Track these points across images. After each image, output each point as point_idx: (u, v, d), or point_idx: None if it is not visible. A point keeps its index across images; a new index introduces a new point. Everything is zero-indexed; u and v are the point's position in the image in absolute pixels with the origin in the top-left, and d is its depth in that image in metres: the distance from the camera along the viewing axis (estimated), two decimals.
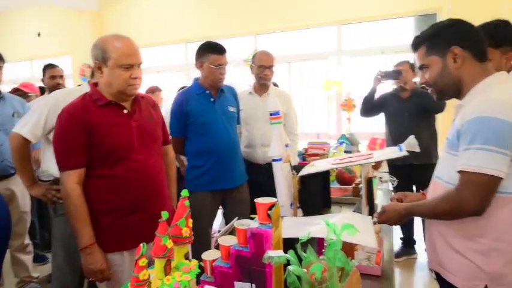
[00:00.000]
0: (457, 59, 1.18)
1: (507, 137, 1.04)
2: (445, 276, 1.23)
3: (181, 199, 0.99)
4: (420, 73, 1.30)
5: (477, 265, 1.13)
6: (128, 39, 1.49)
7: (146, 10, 5.74)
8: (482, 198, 1.07)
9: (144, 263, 0.79)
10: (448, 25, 1.23)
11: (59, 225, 1.84)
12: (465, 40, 1.18)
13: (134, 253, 1.52)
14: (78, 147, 1.41)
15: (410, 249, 3.18)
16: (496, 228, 1.11)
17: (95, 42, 1.48)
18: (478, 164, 1.05)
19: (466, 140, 1.09)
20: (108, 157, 1.46)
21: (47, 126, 1.78)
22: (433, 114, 3.01)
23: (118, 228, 1.49)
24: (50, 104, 1.78)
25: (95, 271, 1.42)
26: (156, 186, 1.58)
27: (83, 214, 1.42)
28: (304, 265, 0.84)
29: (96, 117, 1.44)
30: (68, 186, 1.41)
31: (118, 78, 1.44)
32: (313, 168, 1.69)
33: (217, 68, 2.14)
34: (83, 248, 1.42)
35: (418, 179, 2.95)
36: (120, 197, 1.48)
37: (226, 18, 5.20)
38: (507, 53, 1.50)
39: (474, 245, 1.14)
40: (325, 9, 4.66)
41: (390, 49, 4.57)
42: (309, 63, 5.08)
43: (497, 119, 1.04)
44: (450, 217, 1.17)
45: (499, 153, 1.04)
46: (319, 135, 4.99)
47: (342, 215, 1.34)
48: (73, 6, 5.83)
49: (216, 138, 2.18)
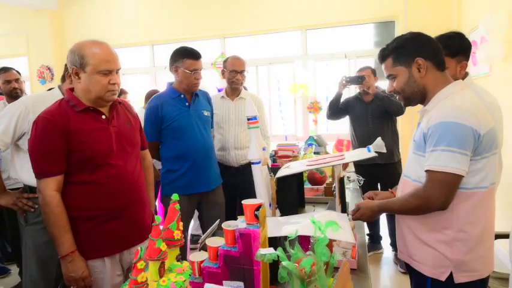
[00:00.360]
0: (421, 68, 1.30)
1: (466, 140, 1.17)
2: (415, 266, 1.35)
3: (172, 203, 1.02)
4: (389, 82, 1.41)
5: (443, 254, 1.26)
6: (106, 45, 1.48)
7: (110, 11, 5.58)
8: (447, 195, 1.20)
9: (142, 266, 0.81)
10: (410, 38, 1.35)
11: (30, 235, 1.78)
12: (427, 51, 1.31)
13: (115, 259, 1.53)
14: (57, 154, 1.39)
15: (377, 244, 3.36)
16: (459, 220, 1.23)
17: (72, 47, 1.46)
18: (443, 163, 1.18)
19: (432, 143, 1.21)
20: (88, 163, 1.44)
21: (16, 133, 1.73)
22: (394, 117, 3.20)
23: (98, 234, 1.48)
24: (19, 110, 1.74)
25: (76, 279, 1.40)
26: (136, 191, 1.58)
27: (63, 222, 1.40)
28: (293, 261, 0.90)
29: (75, 124, 1.42)
30: (46, 194, 1.38)
31: (97, 84, 1.43)
32: (289, 170, 1.77)
33: (192, 73, 2.16)
34: (63, 256, 1.40)
35: (382, 177, 3.13)
36: (100, 203, 1.47)
37: (193, 21, 5.18)
38: (461, 62, 1.66)
39: (440, 236, 1.26)
40: (291, 15, 4.80)
41: (353, 54, 4.78)
42: (275, 66, 5.18)
43: (459, 124, 1.17)
44: (419, 212, 1.29)
45: (461, 154, 1.17)
46: (286, 137, 5.12)
47: (321, 213, 1.41)
48: (30, 6, 5.56)
49: (191, 142, 2.20)
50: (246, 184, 2.46)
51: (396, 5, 4.39)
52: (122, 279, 1.56)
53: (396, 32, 4.60)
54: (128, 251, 1.57)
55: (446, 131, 1.18)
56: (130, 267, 1.60)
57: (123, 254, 1.56)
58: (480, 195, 1.23)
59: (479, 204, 1.24)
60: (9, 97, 2.84)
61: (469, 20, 3.78)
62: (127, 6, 5.51)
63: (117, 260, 1.54)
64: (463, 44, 1.67)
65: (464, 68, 1.68)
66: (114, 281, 1.52)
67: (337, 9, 4.60)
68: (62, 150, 1.39)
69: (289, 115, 5.20)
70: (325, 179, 2.44)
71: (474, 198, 1.23)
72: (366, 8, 4.51)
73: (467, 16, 3.87)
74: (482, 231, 1.26)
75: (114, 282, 1.52)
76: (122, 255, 1.56)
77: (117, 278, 1.54)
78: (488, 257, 1.29)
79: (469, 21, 3.75)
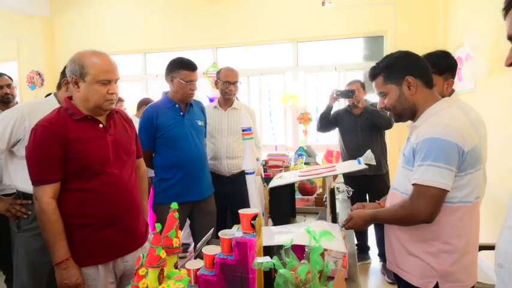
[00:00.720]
0: (411, 86, 1.35)
1: (452, 156, 1.22)
2: (402, 276, 1.39)
3: (171, 211, 1.05)
4: (379, 99, 1.46)
5: (429, 264, 1.31)
6: (106, 55, 1.51)
7: (102, 19, 5.60)
8: (433, 208, 1.25)
9: (144, 273, 0.84)
10: (400, 57, 1.40)
11: (22, 241, 1.77)
12: (416, 70, 1.36)
13: (109, 267, 1.54)
14: (54, 162, 1.41)
15: (365, 255, 3.40)
16: (445, 232, 1.29)
17: (72, 57, 1.49)
18: (429, 178, 1.23)
19: (419, 157, 1.26)
20: (84, 171, 1.46)
21: (12, 140, 1.74)
22: (383, 130, 3.28)
23: (93, 242, 1.49)
24: (15, 116, 1.75)
25: (70, 286, 1.41)
26: (131, 199, 1.60)
27: (58, 229, 1.41)
28: (288, 269, 0.94)
29: (73, 132, 1.44)
30: (43, 202, 1.40)
31: (96, 94, 1.46)
32: (282, 180, 1.81)
33: (187, 84, 2.20)
34: (58, 263, 1.41)
35: (371, 188, 3.20)
36: (95, 210, 1.49)
37: (186, 30, 5.24)
38: (448, 79, 1.74)
39: (426, 247, 1.31)
40: (283, 27, 4.90)
41: (343, 67, 4.90)
42: (266, 77, 5.26)
43: (445, 140, 1.22)
44: (406, 223, 1.34)
45: (446, 169, 1.22)
46: (276, 147, 5.17)
47: (314, 223, 1.46)
48: (23, 11, 5.54)
49: (185, 151, 2.23)
50: (237, 193, 2.50)
51: (385, 21, 4.54)
52: (114, 287, 1.57)
53: (385, 46, 4.73)
54: (121, 258, 1.58)
55: (434, 146, 1.23)
56: (124, 274, 1.61)
57: (117, 262, 1.57)
58: (465, 209, 1.28)
59: (464, 217, 1.29)
60: (0, 102, 2.83)
61: (454, 37, 3.92)
62: (119, 14, 5.54)
63: (110, 267, 1.55)
64: (450, 62, 1.75)
65: (451, 85, 1.76)
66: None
67: (328, 23, 4.72)
68: (60, 158, 1.41)
69: (279, 125, 5.26)
70: (315, 190, 2.49)
71: (460, 212, 1.28)
72: (356, 22, 4.64)
73: (453, 33, 4.01)
74: (467, 243, 1.31)
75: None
76: (115, 263, 1.57)
77: (110, 286, 1.54)
78: (472, 268, 1.34)
79: (454, 39, 3.89)
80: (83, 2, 5.69)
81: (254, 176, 1.61)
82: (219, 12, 5.10)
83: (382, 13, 4.53)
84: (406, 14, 4.45)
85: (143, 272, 0.84)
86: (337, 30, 4.75)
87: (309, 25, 4.81)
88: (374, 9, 4.55)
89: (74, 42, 5.74)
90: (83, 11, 5.70)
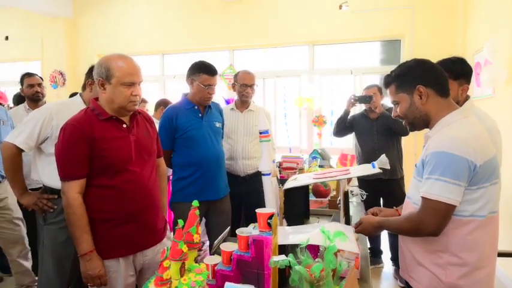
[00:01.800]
0: (422, 96, 1.34)
1: (461, 170, 1.20)
2: (412, 284, 1.42)
3: (193, 209, 1.10)
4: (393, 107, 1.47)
5: (437, 276, 1.31)
6: (131, 59, 1.60)
7: (122, 20, 5.75)
8: (439, 222, 1.24)
9: (168, 265, 0.90)
10: (413, 65, 1.39)
11: (48, 234, 1.87)
12: (428, 79, 1.34)
13: (129, 260, 1.62)
14: (81, 159, 1.49)
15: (377, 259, 3.41)
16: (454, 245, 1.28)
17: (99, 60, 1.57)
18: (436, 192, 1.22)
19: (428, 170, 1.26)
20: (108, 169, 1.54)
21: (40, 137, 1.83)
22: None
23: (114, 236, 1.57)
24: (44, 115, 1.84)
25: (93, 277, 1.49)
26: (150, 197, 1.67)
27: (84, 222, 1.49)
28: (303, 266, 0.98)
29: (99, 131, 1.53)
30: (69, 196, 1.48)
31: (120, 95, 1.54)
32: (297, 182, 1.85)
33: (206, 88, 2.26)
34: (82, 255, 1.49)
35: (385, 192, 3.20)
36: (116, 206, 1.56)
37: (203, 32, 5.33)
38: (463, 85, 1.75)
39: (435, 258, 1.31)
40: (300, 30, 4.93)
41: (359, 70, 4.90)
42: (282, 79, 5.30)
43: (453, 155, 1.20)
44: (411, 235, 1.36)
45: (454, 184, 1.20)
46: (291, 149, 5.20)
47: (329, 224, 1.49)
48: (47, 13, 5.74)
49: (203, 151, 2.29)
50: (251, 193, 2.55)
51: (403, 25, 4.52)
52: (134, 280, 1.64)
53: (402, 51, 4.72)
54: (141, 253, 1.65)
55: (441, 160, 1.22)
56: (143, 268, 1.68)
57: (136, 256, 1.64)
58: (476, 223, 1.25)
59: (476, 232, 1.26)
60: (31, 100, 2.98)
61: (473, 42, 3.89)
62: (139, 16, 5.67)
63: (130, 261, 1.62)
64: (465, 68, 1.76)
65: (466, 91, 1.77)
66: (127, 281, 1.60)
67: (345, 26, 4.73)
68: (86, 155, 1.50)
69: (294, 128, 5.29)
70: (329, 192, 2.51)
71: (470, 226, 1.25)
72: (373, 26, 4.63)
73: (472, 38, 3.98)
74: (480, 257, 1.28)
75: (127, 282, 1.60)
76: (135, 257, 1.64)
77: (130, 278, 1.62)
78: (487, 282, 1.31)
79: (474, 43, 3.86)
80: (104, 5, 5.86)
81: (270, 177, 1.66)
82: (236, 15, 5.17)
83: (400, 17, 4.51)
84: (424, 18, 4.42)
85: (167, 264, 0.90)
86: (354, 34, 4.75)
87: (326, 28, 4.83)
88: (392, 12, 4.54)
89: (95, 43, 5.92)
90: (104, 13, 5.87)
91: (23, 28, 6.20)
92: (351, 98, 3.20)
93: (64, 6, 5.85)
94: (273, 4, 5.02)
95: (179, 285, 0.93)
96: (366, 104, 3.23)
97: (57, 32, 5.91)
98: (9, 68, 6.65)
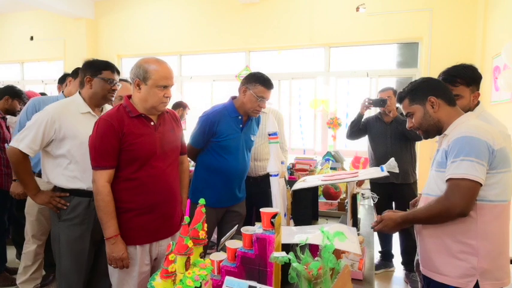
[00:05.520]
0: (434, 105, 1.52)
1: (483, 152, 1.33)
2: (439, 279, 1.44)
3: (199, 206, 1.15)
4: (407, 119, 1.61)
5: (469, 263, 1.37)
6: (166, 64, 1.71)
7: (142, 22, 5.89)
8: (467, 200, 1.33)
9: (173, 258, 0.95)
10: (422, 82, 1.59)
11: (63, 230, 1.92)
12: (437, 91, 1.53)
13: (146, 249, 1.72)
14: (111, 151, 1.61)
15: (388, 262, 3.39)
16: (482, 231, 1.36)
17: (137, 62, 1.68)
18: (462, 171, 1.33)
19: (452, 155, 1.37)
20: (134, 162, 1.65)
21: (44, 141, 1.86)
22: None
23: (134, 225, 1.67)
24: (45, 119, 1.85)
25: (116, 259, 1.61)
26: (170, 190, 1.78)
27: (111, 209, 1.61)
28: (302, 264, 1.02)
29: (128, 127, 1.64)
30: (99, 184, 1.60)
31: (154, 96, 1.66)
32: (305, 183, 1.88)
33: (258, 100, 2.24)
34: (108, 238, 1.61)
35: (397, 196, 3.19)
36: (138, 198, 1.68)
37: (220, 34, 5.41)
38: (474, 91, 1.76)
39: (465, 247, 1.38)
40: (316, 32, 4.94)
41: (375, 73, 4.87)
42: (298, 81, 5.32)
43: (474, 138, 1.35)
44: (441, 218, 1.40)
45: (478, 163, 1.32)
46: (305, 151, 5.22)
47: (331, 225, 1.52)
48: (69, 14, 5.94)
49: (232, 161, 2.29)
50: (262, 194, 2.58)
51: (421, 27, 4.47)
52: (149, 269, 1.74)
53: (420, 54, 4.67)
54: (157, 242, 1.76)
55: (465, 144, 1.35)
56: (157, 258, 1.79)
57: (152, 245, 1.75)
58: (501, 208, 1.38)
59: (500, 216, 1.38)
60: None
61: (492, 46, 3.82)
62: (158, 18, 5.80)
63: (147, 250, 1.72)
64: (476, 75, 1.76)
65: (477, 97, 1.77)
66: (142, 269, 1.70)
67: (361, 28, 4.72)
68: (116, 148, 1.62)
69: (308, 129, 5.30)
70: (339, 194, 2.54)
71: (496, 210, 1.37)
72: (390, 28, 4.60)
73: (492, 41, 3.90)
74: (503, 242, 1.40)
75: (142, 270, 1.70)
76: (151, 246, 1.74)
77: (145, 267, 1.72)
78: (508, 267, 1.42)
79: (493, 47, 3.79)
80: (124, 7, 6.02)
81: (278, 178, 1.70)
82: (253, 17, 5.22)
83: (418, 19, 4.47)
84: (443, 21, 4.36)
85: (172, 258, 0.95)
86: (371, 36, 4.73)
87: (342, 30, 4.82)
88: (409, 15, 4.50)
89: (115, 44, 6.09)
90: (124, 15, 6.03)
91: (47, 29, 6.43)
92: (365, 101, 3.19)
93: (86, 8, 6.04)
94: (290, 6, 5.04)
95: (183, 278, 0.98)
96: (380, 107, 3.22)
97: (79, 33, 6.11)
98: (34, 68, 6.90)
